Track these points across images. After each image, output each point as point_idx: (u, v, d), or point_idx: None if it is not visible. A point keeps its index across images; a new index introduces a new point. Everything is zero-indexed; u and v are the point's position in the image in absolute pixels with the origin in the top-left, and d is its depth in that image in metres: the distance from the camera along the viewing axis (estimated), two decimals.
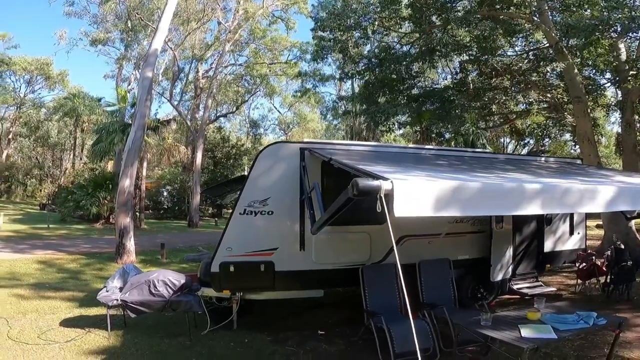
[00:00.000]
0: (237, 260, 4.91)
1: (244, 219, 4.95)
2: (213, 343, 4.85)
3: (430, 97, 13.67)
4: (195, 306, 4.93)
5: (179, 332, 5.05)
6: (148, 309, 4.83)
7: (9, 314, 5.38)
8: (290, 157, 5.02)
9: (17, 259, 9.67)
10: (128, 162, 9.92)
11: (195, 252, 12.05)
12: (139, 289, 4.81)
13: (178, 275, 5.09)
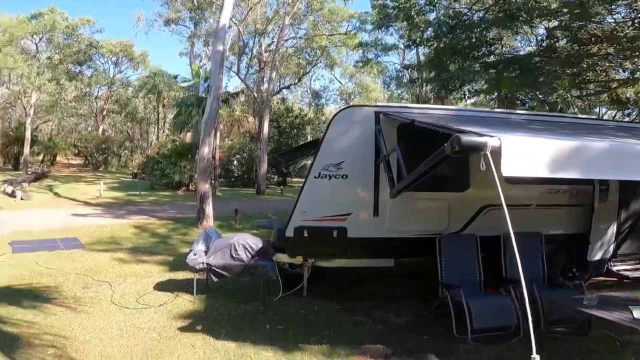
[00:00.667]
0: (310, 225, 4.84)
1: (318, 182, 4.84)
2: (284, 309, 4.93)
3: (510, 64, 12.42)
4: (270, 271, 5.00)
5: (253, 298, 5.18)
6: (228, 273, 5.00)
7: (112, 278, 5.93)
8: (364, 120, 4.83)
9: (117, 224, 10.68)
10: (206, 132, 10.29)
11: (265, 218, 12.44)
12: (221, 252, 4.99)
13: (256, 239, 5.21)
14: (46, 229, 9.38)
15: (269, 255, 5.15)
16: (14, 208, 13.36)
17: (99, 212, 13.26)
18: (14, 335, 3.65)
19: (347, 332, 4.32)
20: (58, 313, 4.33)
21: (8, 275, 5.59)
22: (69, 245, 7.80)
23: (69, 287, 5.28)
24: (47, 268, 6.07)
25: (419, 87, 23.26)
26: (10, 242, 7.70)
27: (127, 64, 41.52)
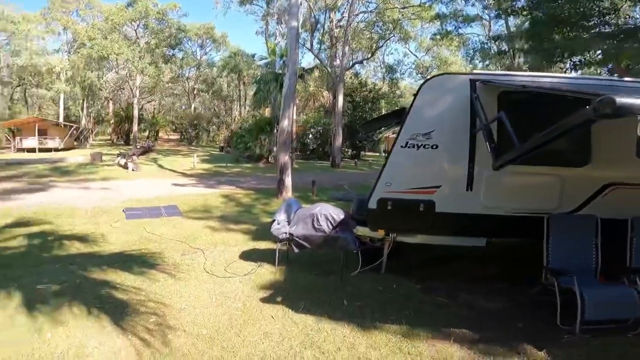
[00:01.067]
0: (395, 197, 4.51)
1: (405, 152, 4.43)
2: (362, 285, 4.72)
3: (632, 35, 10.63)
4: (351, 244, 4.78)
5: (331, 271, 5.05)
6: (309, 244, 4.89)
7: (204, 245, 6.24)
8: (458, 88, 4.33)
9: (208, 193, 11.47)
10: (286, 105, 10.34)
11: (340, 190, 12.32)
12: (304, 222, 4.87)
13: (338, 210, 4.99)
14: (152, 197, 10.41)
15: (349, 228, 4.93)
16: (127, 178, 15.21)
17: (194, 182, 14.43)
18: (124, 302, 3.96)
19: (428, 314, 3.99)
20: (160, 280, 4.63)
21: (122, 241, 6.22)
22: (170, 212, 8.55)
23: (170, 253, 5.67)
24: (153, 234, 6.65)
25: (510, 58, 21.42)
26: (124, 209, 8.69)
27: (211, 45, 44.03)
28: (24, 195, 10.33)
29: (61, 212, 8.11)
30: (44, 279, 4.44)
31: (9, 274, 4.59)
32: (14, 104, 38.76)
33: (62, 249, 5.68)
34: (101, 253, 5.56)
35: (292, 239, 4.88)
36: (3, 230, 6.51)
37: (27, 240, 6.04)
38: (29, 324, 3.38)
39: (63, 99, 35.54)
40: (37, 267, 4.88)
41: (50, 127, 30.49)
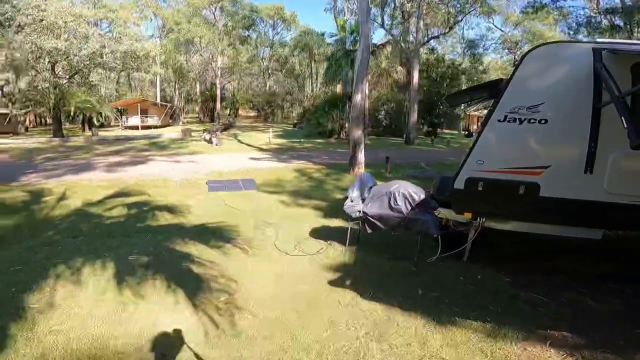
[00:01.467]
0: (488, 177, 3.89)
1: (504, 127, 3.75)
2: (440, 273, 4.21)
3: None
4: (431, 227, 4.23)
5: (404, 256, 4.61)
6: (383, 225, 4.42)
7: (277, 220, 6.15)
8: (575, 57, 3.64)
9: (281, 167, 11.55)
10: (359, 80, 9.76)
11: (416, 168, 11.48)
12: (379, 200, 4.41)
13: (418, 189, 4.42)
14: (232, 170, 10.82)
15: (430, 209, 4.36)
16: (210, 152, 16.14)
17: (269, 156, 14.75)
18: (199, 277, 3.99)
19: (520, 312, 3.41)
20: (234, 255, 4.60)
21: (204, 212, 6.41)
22: (247, 186, 8.74)
23: (244, 227, 5.68)
24: (231, 207, 6.80)
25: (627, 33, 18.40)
26: (207, 181, 9.12)
27: (281, 25, 44.15)
28: (127, 167, 11.48)
29: (155, 184, 8.77)
30: (135, 250, 4.67)
31: (109, 242, 4.94)
32: (120, 86, 43.73)
33: (153, 219, 6.05)
34: (185, 224, 5.79)
35: (365, 219, 4.47)
36: (108, 201, 7.19)
37: (126, 209, 6.58)
38: (116, 298, 3.51)
39: (159, 81, 39.04)
40: (132, 237, 5.21)
41: (150, 106, 33.80)
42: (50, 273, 3.99)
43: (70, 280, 3.85)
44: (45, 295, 3.52)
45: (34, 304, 3.36)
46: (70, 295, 3.54)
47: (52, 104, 21.47)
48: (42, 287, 3.65)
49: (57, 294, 3.55)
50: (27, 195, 7.52)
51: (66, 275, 3.97)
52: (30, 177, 9.66)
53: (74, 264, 4.22)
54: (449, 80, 27.42)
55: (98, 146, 18.16)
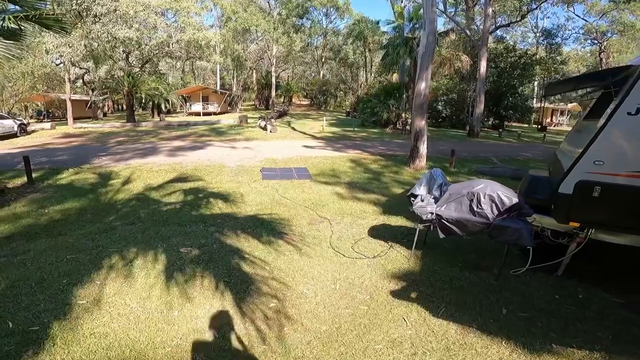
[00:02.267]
0: (610, 182, 3.16)
1: (636, 121, 3.00)
2: (529, 289, 3.48)
3: None
4: (525, 237, 3.43)
5: (481, 265, 3.89)
6: (461, 231, 3.69)
7: (332, 214, 5.64)
8: None
9: (336, 156, 10.98)
10: (423, 66, 8.77)
11: (486, 164, 10.24)
12: (458, 202, 3.68)
13: (509, 191, 3.61)
14: (285, 158, 10.52)
15: (524, 215, 3.54)
16: (265, 139, 16.07)
17: (322, 144, 14.26)
18: (249, 277, 3.64)
19: (636, 340, 2.76)
20: (286, 253, 4.20)
21: (257, 202, 6.12)
22: (301, 175, 8.34)
23: (298, 220, 5.27)
24: (284, 197, 6.42)
25: None
26: (261, 169, 8.88)
27: (335, 14, 42.96)
28: (188, 152, 11.71)
29: (212, 170, 8.71)
30: (187, 241, 4.46)
31: (163, 231, 4.78)
32: (185, 75, 46.08)
33: (207, 207, 5.85)
34: (238, 215, 5.50)
35: (439, 222, 3.77)
36: (167, 185, 7.20)
37: (182, 195, 6.49)
38: (163, 297, 3.25)
39: (219, 70, 40.31)
40: (186, 226, 5.02)
41: (211, 94, 35.06)
42: (104, 264, 3.87)
43: (122, 273, 3.68)
44: (94, 289, 3.36)
45: (82, 299, 3.20)
46: (119, 291, 3.34)
47: (125, 91, 22.95)
48: (93, 280, 3.51)
49: (107, 288, 3.38)
50: (96, 178, 7.81)
51: (118, 267, 3.82)
52: (102, 159, 10.17)
53: (127, 254, 4.09)
54: (521, 71, 24.88)
55: (164, 131, 19.04)
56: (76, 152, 11.65)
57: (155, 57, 30.24)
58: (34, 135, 18.12)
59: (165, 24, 27.30)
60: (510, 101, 24.47)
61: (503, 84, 24.17)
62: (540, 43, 33.56)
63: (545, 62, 27.08)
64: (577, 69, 42.49)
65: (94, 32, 18.93)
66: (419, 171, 8.89)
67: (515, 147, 15.57)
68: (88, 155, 10.83)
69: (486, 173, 8.70)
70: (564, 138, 5.65)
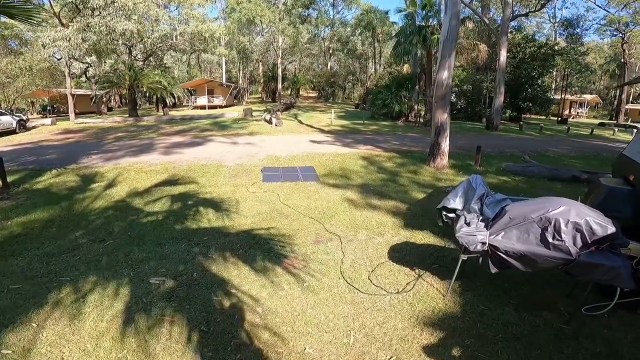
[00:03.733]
0: None
1: None
2: (613, 335, 2.58)
3: None
4: (624, 278, 2.41)
5: (542, 301, 2.95)
6: (525, 267, 2.68)
7: (343, 228, 4.64)
8: None
9: (346, 153, 9.91)
10: (445, 53, 7.62)
11: (516, 161, 9.07)
12: (522, 229, 2.63)
13: (601, 216, 2.53)
14: (290, 155, 9.51)
15: (617, 246, 2.49)
16: (270, 133, 15.07)
17: (331, 139, 13.21)
18: (234, 324, 2.71)
19: None
20: (285, 287, 3.25)
21: (254, 212, 5.14)
22: (307, 175, 7.34)
23: (301, 237, 4.29)
24: (286, 205, 5.42)
25: None
26: (262, 168, 7.90)
27: (342, 4, 41.42)
28: (185, 149, 10.78)
29: (207, 170, 7.76)
30: (162, 268, 3.54)
31: (134, 253, 3.86)
32: (191, 68, 45.16)
33: (195, 219, 4.89)
34: (229, 229, 4.53)
35: (492, 253, 2.75)
36: (155, 190, 6.26)
37: (169, 203, 5.54)
38: (114, 351, 2.41)
39: (224, 63, 39.27)
40: (164, 245, 4.08)
41: (216, 87, 34.09)
42: (49, 298, 3.00)
43: (68, 312, 2.81)
44: (28, 334, 2.55)
45: (8, 347, 2.38)
46: (58, 337, 2.52)
47: (127, 85, 22.11)
48: (30, 320, 2.68)
49: (44, 333, 2.56)
50: (77, 181, 6.92)
51: (66, 303, 2.94)
52: (91, 158, 9.30)
53: (82, 286, 3.21)
54: (541, 61, 23.49)
55: (165, 125, 18.18)
56: (67, 150, 10.83)
57: (159, 50, 29.38)
58: (34, 131, 17.44)
59: (168, 16, 26.40)
60: (529, 92, 23.06)
61: (522, 75, 22.83)
62: (561, 33, 32.22)
63: (567, 52, 25.47)
64: (595, 60, 40.57)
65: (92, 25, 18.04)
66: (440, 170, 7.80)
67: (540, 142, 14.30)
68: (78, 154, 9.98)
69: (518, 173, 7.56)
70: (633, 138, 4.52)
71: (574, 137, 17.04)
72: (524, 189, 6.65)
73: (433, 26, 17.64)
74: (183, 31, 24.73)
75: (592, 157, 10.89)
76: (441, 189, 6.44)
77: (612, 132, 20.29)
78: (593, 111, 42.20)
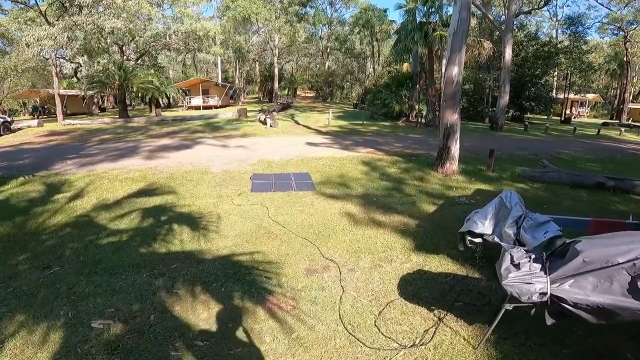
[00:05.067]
0: None
1: None
2: None
3: None
4: None
5: (602, 348, 2.34)
6: (599, 319, 1.96)
7: (342, 252, 3.85)
8: None
9: (345, 157, 9.12)
10: (455, 47, 6.84)
11: (532, 165, 8.29)
12: (602, 276, 1.86)
13: None
14: (284, 159, 8.73)
15: None
16: (264, 134, 14.28)
17: (328, 141, 12.42)
18: None
19: None
20: (266, 339, 2.46)
21: (237, 231, 4.35)
22: (301, 184, 6.55)
23: (291, 265, 3.50)
24: (275, 222, 4.64)
25: None
26: (251, 175, 7.11)
27: (340, 2, 40.71)
28: (171, 153, 9.97)
29: (190, 178, 6.96)
30: (110, 307, 2.78)
31: (80, 285, 3.12)
32: (187, 68, 44.27)
33: (165, 240, 4.09)
34: (205, 254, 3.74)
35: (554, 303, 1.98)
36: (126, 202, 5.46)
37: (138, 218, 4.75)
38: None
39: (220, 62, 38.41)
40: (120, 275, 3.30)
41: (211, 87, 33.22)
42: None
43: None
44: None
45: None
46: None
47: (116, 85, 21.25)
48: None
49: None
50: (41, 191, 6.11)
51: None
52: (66, 164, 8.48)
53: (5, 327, 2.59)
54: (545, 60, 22.86)
55: (155, 127, 17.34)
56: (45, 154, 10.00)
57: (152, 49, 28.53)
58: (19, 133, 16.58)
59: (161, 14, 25.66)
60: (533, 92, 22.37)
61: (526, 74, 22.12)
62: (564, 32, 31.56)
63: (571, 51, 24.85)
64: (595, 59, 40.09)
65: (79, 24, 17.18)
66: (450, 177, 7.02)
67: (548, 143, 13.57)
68: (54, 158, 9.16)
69: (536, 179, 6.80)
70: None
71: (582, 138, 16.32)
72: (545, 198, 5.88)
73: (435, 22, 16.88)
74: (176, 30, 23.94)
75: (607, 160, 10.17)
76: (453, 200, 5.66)
77: (618, 132, 19.61)
78: (593, 111, 41.61)
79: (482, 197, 5.81)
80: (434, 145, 11.52)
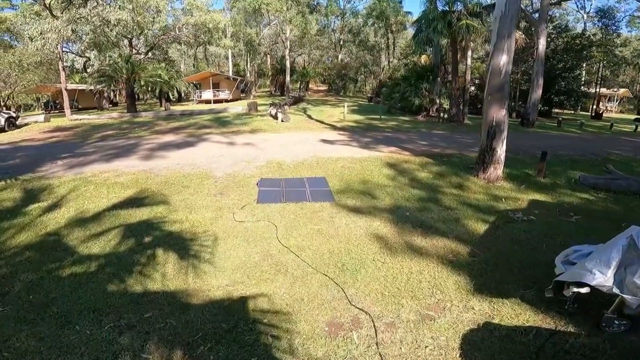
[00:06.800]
0: None
1: None
2: None
3: None
4: None
5: None
6: None
7: (376, 297, 2.82)
8: None
9: (365, 158, 8.04)
10: (503, 33, 5.69)
11: (592, 171, 7.02)
12: None
13: None
14: (296, 160, 7.73)
15: None
16: (274, 130, 13.29)
17: (345, 138, 11.35)
18: None
19: None
20: None
21: (236, 261, 3.38)
22: (317, 192, 5.53)
23: (309, 320, 2.49)
24: (286, 248, 3.66)
25: None
26: (258, 181, 6.13)
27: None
28: (172, 151, 9.08)
29: (188, 183, 6.04)
30: None
31: (15, 340, 2.20)
32: (198, 62, 43.55)
33: (143, 273, 3.16)
34: (192, 297, 2.78)
35: None
36: (107, 215, 4.56)
37: (116, 240, 3.82)
38: None
39: (231, 55, 37.56)
40: (74, 325, 2.37)
41: (222, 80, 32.42)
42: None
43: None
44: None
45: None
46: None
47: (124, 78, 20.57)
48: None
49: None
50: (16, 200, 5.28)
51: None
52: (54, 165, 7.68)
53: None
54: (576, 53, 21.37)
55: (161, 122, 16.56)
56: (38, 153, 9.26)
57: (162, 42, 27.82)
58: (24, 129, 16.07)
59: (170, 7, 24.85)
60: (563, 86, 20.81)
61: (555, 67, 20.64)
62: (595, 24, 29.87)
63: (605, 44, 23.21)
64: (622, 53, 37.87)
65: (83, 16, 16.48)
66: (494, 184, 5.89)
67: (590, 141, 12.20)
68: (46, 158, 8.39)
69: (599, 187, 5.62)
70: None
71: (622, 135, 14.81)
72: (618, 212, 4.73)
73: (460, 11, 15.52)
74: (186, 22, 23.10)
75: None
76: (507, 215, 4.57)
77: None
78: (620, 106, 39.32)
79: (541, 211, 4.71)
80: (463, 144, 10.35)
